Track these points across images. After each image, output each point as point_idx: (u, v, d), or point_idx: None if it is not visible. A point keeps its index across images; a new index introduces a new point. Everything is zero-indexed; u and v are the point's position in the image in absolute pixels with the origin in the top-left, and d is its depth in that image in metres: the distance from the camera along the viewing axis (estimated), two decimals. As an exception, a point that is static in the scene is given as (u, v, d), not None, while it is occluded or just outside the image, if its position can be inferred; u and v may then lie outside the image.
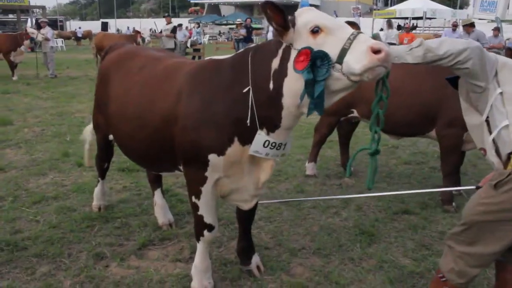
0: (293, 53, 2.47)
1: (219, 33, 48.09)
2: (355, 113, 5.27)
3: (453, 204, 4.74)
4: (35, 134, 7.69)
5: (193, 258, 3.29)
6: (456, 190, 5.00)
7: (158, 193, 4.30)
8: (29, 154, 6.47)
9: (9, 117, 8.73)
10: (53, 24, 44.06)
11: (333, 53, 2.33)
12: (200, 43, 25.42)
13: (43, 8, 38.17)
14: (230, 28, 43.41)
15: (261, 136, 2.73)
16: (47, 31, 16.32)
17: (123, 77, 3.53)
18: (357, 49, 2.28)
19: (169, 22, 17.89)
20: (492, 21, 27.39)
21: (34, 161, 6.17)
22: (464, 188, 4.57)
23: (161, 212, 4.25)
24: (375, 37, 2.39)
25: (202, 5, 71.68)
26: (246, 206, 3.14)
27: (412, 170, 6.11)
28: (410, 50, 2.48)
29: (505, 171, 2.40)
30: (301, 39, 2.44)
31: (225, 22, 52.00)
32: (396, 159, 6.57)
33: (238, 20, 25.09)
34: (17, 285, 3.27)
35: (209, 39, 42.15)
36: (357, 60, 2.26)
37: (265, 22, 28.56)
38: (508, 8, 37.31)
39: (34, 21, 32.37)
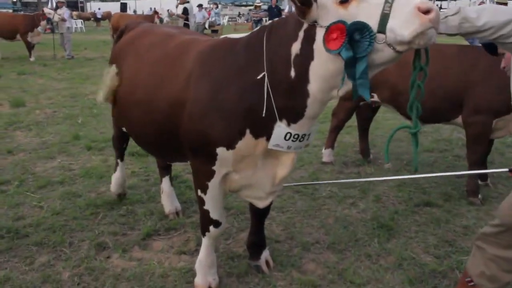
0: (320, 32, 2.14)
1: (239, 15, 47.55)
2: (375, 98, 4.96)
3: (479, 196, 4.43)
4: (47, 116, 7.56)
5: (199, 251, 3.08)
6: (484, 174, 4.71)
7: (166, 180, 4.09)
8: (39, 137, 6.34)
9: (22, 99, 8.63)
10: (73, 5, 44.20)
11: (373, 22, 2.01)
12: (219, 24, 25.05)
13: (63, -12, 38.06)
14: (249, 10, 42.83)
15: (281, 128, 2.43)
16: (64, 11, 16.22)
17: (133, 57, 3.26)
18: (401, 12, 1.95)
19: (183, 2, 17.35)
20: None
21: (44, 144, 6.04)
22: (494, 171, 4.24)
23: (168, 200, 4.04)
24: None
25: (222, -14, 70.85)
26: (261, 204, 2.86)
27: (435, 158, 5.78)
28: (445, 18, 2.15)
29: None
30: (328, 14, 2.11)
31: (244, 3, 51.27)
32: (418, 146, 6.22)
33: (257, 1, 24.61)
34: (15, 276, 3.12)
35: (228, 21, 41.69)
36: (405, 24, 1.94)
37: (285, 4, 27.92)
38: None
39: (54, 3, 32.40)
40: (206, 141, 2.53)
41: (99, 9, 46.32)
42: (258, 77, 2.40)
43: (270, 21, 2.58)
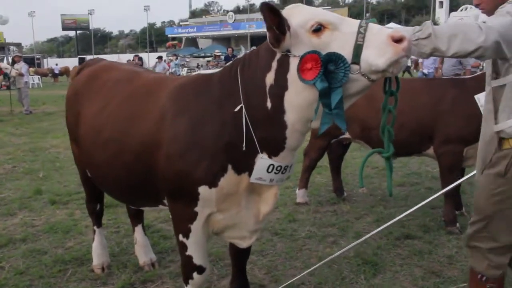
0: (294, 61, 2.12)
1: (197, 66, 48.20)
2: (346, 134, 4.98)
3: (457, 225, 4.43)
4: (6, 171, 7.19)
5: (180, 302, 2.88)
6: (458, 204, 4.81)
7: (139, 230, 3.87)
8: (-2, 193, 5.98)
9: (-22, 156, 8.23)
10: (29, 62, 43.67)
11: (346, 52, 2.01)
12: (179, 75, 25.23)
13: (18, 45, 37.78)
14: (207, 61, 43.56)
15: (263, 160, 2.35)
16: (21, 66, 15.91)
17: (95, 94, 3.09)
18: (375, 42, 1.98)
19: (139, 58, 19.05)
20: None
21: (2, 200, 5.68)
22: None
23: (142, 251, 3.80)
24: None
25: (179, 39, 72.05)
26: (245, 244, 2.71)
27: (408, 191, 5.81)
28: (417, 41, 2.15)
29: (503, 153, 2.39)
30: (301, 43, 2.09)
31: (202, 54, 52.17)
32: (389, 181, 6.25)
33: (216, 51, 25.11)
34: None
35: (187, 72, 42.12)
36: (379, 54, 1.96)
37: (241, 52, 28.48)
38: None
39: (10, 59, 31.98)
40: (187, 180, 2.41)
41: (56, 64, 45.95)
42: (236, 110, 2.34)
43: (243, 54, 2.54)
